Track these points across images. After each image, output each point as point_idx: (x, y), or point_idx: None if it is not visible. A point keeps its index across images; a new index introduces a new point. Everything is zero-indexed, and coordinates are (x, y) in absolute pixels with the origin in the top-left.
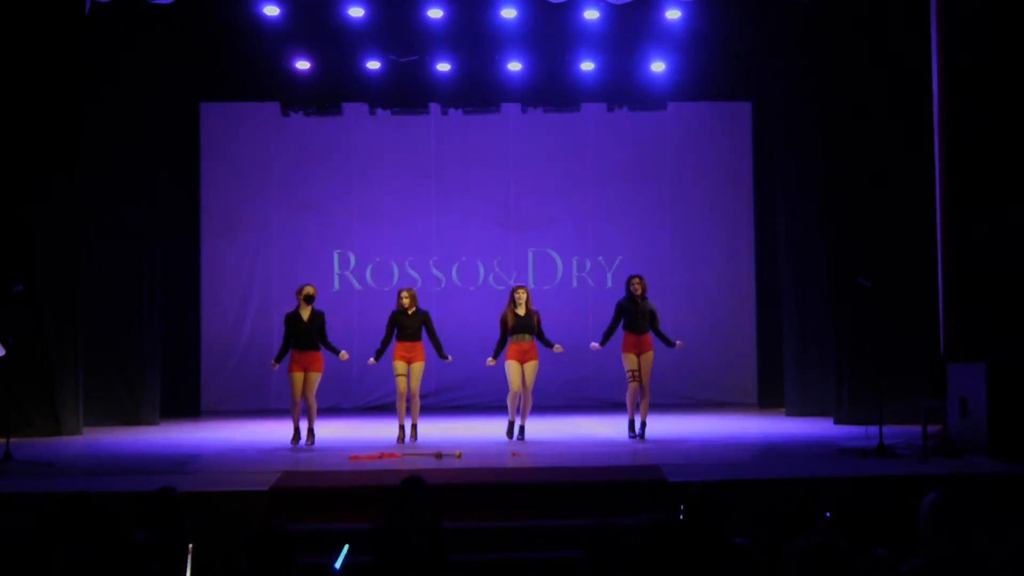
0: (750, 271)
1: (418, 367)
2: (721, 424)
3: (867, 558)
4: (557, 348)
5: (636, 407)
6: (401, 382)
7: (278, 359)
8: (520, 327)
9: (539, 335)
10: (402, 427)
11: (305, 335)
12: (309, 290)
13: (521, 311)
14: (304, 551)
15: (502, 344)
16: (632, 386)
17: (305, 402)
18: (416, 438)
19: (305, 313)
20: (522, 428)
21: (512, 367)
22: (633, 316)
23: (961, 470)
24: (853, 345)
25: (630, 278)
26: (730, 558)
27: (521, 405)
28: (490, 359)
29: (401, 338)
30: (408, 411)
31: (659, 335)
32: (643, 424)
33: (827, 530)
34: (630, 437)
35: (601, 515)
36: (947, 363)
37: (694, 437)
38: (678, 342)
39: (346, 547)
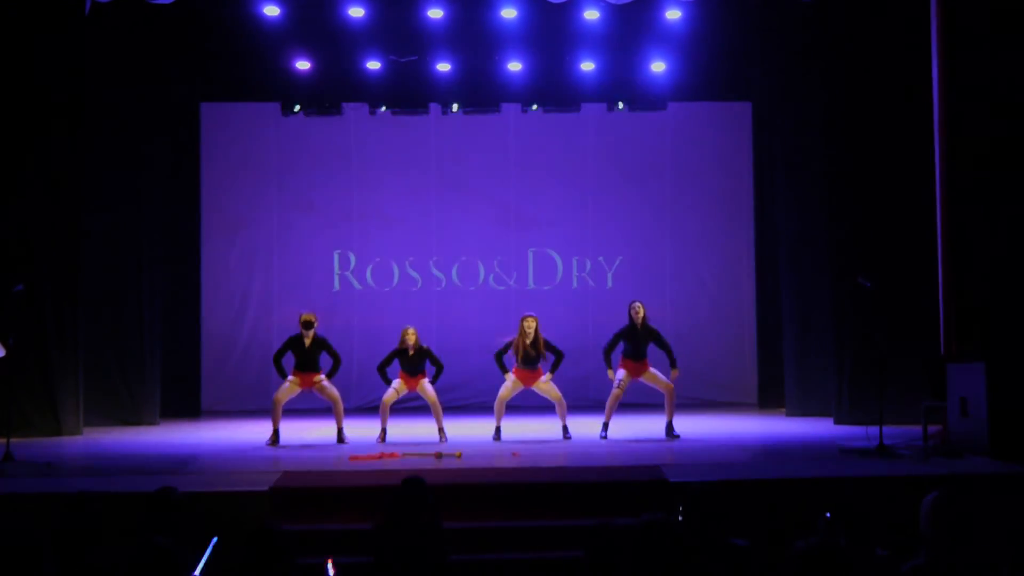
0: (750, 271)
1: (424, 386)
2: (721, 424)
3: (867, 558)
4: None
5: (613, 411)
6: (391, 393)
7: (281, 372)
8: (529, 359)
9: (555, 354)
10: (384, 429)
11: (306, 359)
12: (307, 317)
13: (530, 340)
14: (304, 551)
15: (504, 350)
16: (615, 392)
17: (332, 404)
18: (446, 439)
19: (307, 339)
20: (565, 427)
21: (511, 380)
22: (634, 344)
23: (961, 470)
24: (853, 345)
25: (631, 304)
26: (730, 558)
27: (558, 411)
28: (506, 375)
29: (404, 372)
30: (432, 416)
31: (665, 348)
32: (669, 424)
33: (827, 530)
34: (601, 438)
35: (601, 515)
36: (947, 363)
37: (694, 437)
38: (673, 372)
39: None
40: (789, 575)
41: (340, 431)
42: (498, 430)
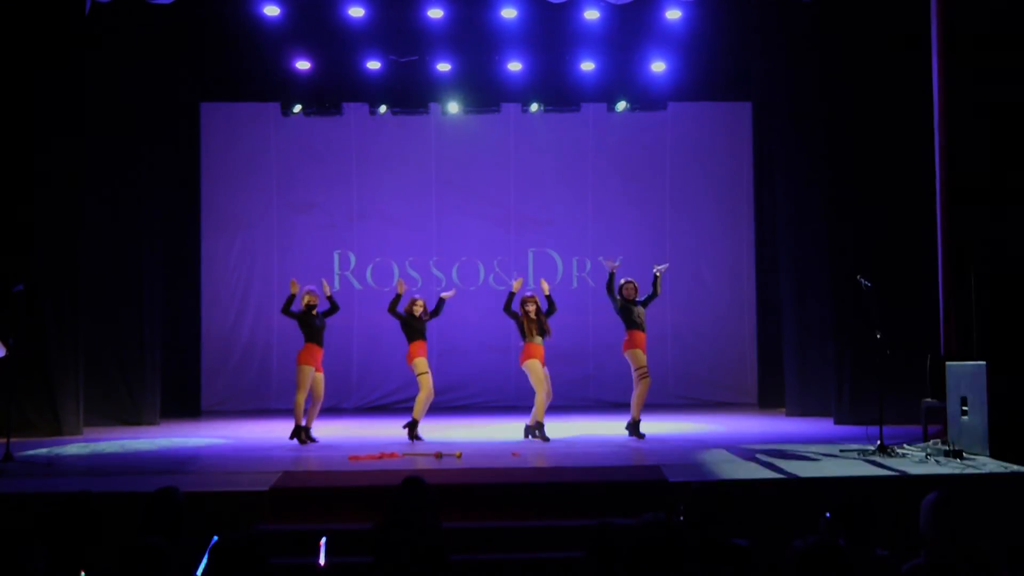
0: (750, 271)
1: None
2: (721, 424)
3: (867, 558)
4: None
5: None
6: (428, 380)
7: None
8: (543, 332)
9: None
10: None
11: (318, 332)
12: (310, 300)
13: (534, 318)
14: (304, 551)
15: (508, 302)
16: (647, 381)
17: (312, 400)
18: (415, 437)
19: (314, 312)
20: (537, 425)
21: (540, 368)
22: (632, 315)
23: (961, 470)
24: (853, 345)
25: (624, 283)
26: (730, 558)
27: (537, 400)
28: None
29: (419, 338)
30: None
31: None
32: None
33: (827, 530)
34: (639, 438)
35: (601, 515)
36: (947, 363)
37: (694, 437)
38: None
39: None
40: (789, 575)
41: (307, 430)
42: (542, 427)
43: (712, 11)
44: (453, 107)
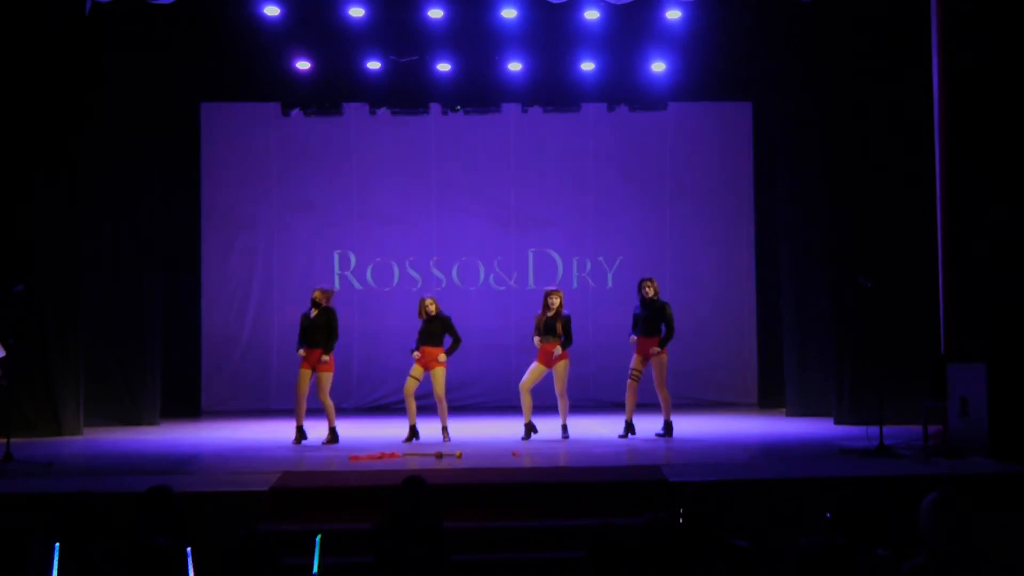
0: (750, 271)
1: (436, 372)
2: (721, 424)
3: (867, 558)
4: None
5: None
6: (410, 381)
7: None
8: (549, 328)
9: (566, 335)
10: (412, 427)
11: (308, 331)
12: (315, 294)
13: (551, 314)
14: (303, 551)
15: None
16: (630, 384)
17: (321, 404)
18: (449, 439)
19: (313, 311)
20: (564, 427)
21: (533, 367)
22: (644, 320)
23: (961, 470)
24: (853, 345)
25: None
26: (731, 559)
27: (558, 406)
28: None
29: (420, 340)
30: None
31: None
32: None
33: (827, 530)
34: (620, 437)
35: (601, 515)
36: (947, 363)
37: (694, 437)
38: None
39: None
40: (789, 575)
41: (331, 430)
42: (527, 427)
43: (712, 11)
44: (453, 107)
